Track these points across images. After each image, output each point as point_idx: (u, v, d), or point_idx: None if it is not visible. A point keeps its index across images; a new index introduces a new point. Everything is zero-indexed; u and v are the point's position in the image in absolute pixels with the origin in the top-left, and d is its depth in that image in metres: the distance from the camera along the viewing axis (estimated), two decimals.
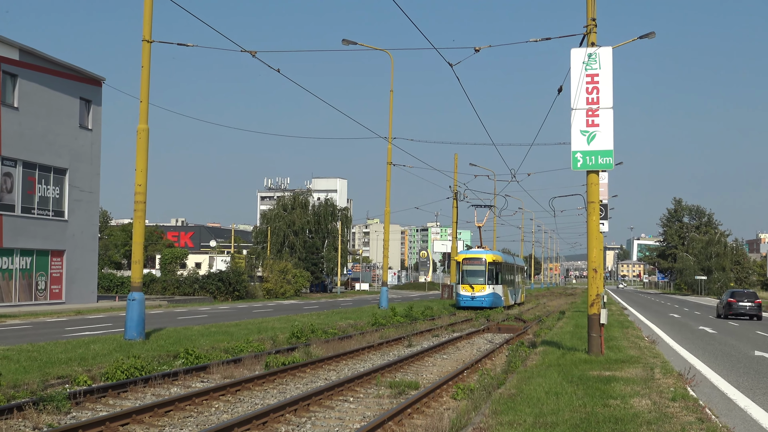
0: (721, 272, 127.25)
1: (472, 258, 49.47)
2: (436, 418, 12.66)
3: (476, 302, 47.99)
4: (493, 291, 48.77)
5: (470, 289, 48.38)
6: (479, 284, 48.34)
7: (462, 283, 49.06)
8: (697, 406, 12.47)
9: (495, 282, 49.18)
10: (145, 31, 23.54)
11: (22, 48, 43.12)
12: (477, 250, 52.25)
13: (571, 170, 19.84)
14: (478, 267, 48.79)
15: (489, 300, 48.22)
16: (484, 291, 48.23)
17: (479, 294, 48.22)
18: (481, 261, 48.89)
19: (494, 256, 50.27)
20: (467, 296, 48.55)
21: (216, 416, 13.47)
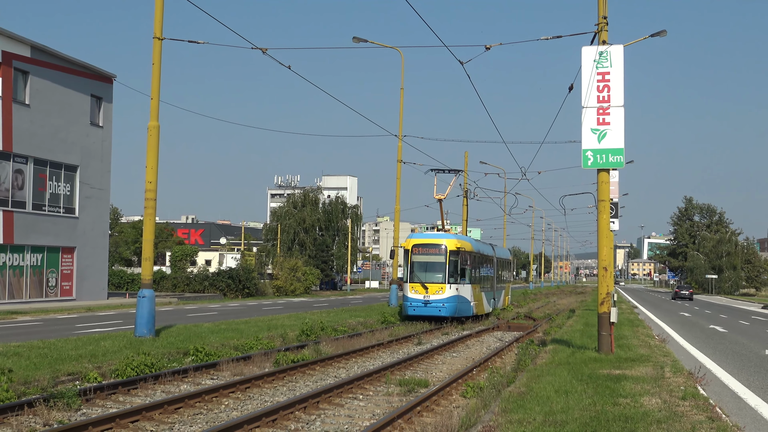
0: (732, 271, 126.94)
1: (427, 244, 34.06)
2: (446, 416, 12.65)
3: (430, 309, 33.11)
4: (457, 293, 33.56)
5: (422, 289, 33.15)
6: (436, 282, 33.32)
7: (411, 280, 33.49)
8: (708, 405, 12.43)
9: (460, 279, 34.03)
10: (156, 29, 23.58)
11: (34, 45, 43.23)
12: (435, 233, 35.89)
13: (582, 168, 19.81)
14: (435, 257, 33.69)
15: (450, 306, 33.20)
16: (442, 293, 33.05)
17: (435, 297, 33.03)
18: (440, 248, 33.56)
19: (460, 242, 34.46)
20: (418, 300, 33.14)
21: (226, 413, 13.48)
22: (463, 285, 34.33)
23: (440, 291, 33.15)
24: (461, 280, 34.07)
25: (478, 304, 37.56)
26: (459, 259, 33.80)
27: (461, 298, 34.07)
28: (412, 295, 33.35)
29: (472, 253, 36.50)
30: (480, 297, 38.07)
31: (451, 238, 34.24)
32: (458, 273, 33.81)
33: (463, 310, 34.49)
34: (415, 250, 34.05)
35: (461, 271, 34.11)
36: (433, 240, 34.21)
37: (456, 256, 33.67)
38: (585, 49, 19.82)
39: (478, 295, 37.67)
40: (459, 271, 33.90)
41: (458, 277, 33.79)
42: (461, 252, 33.99)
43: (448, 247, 33.46)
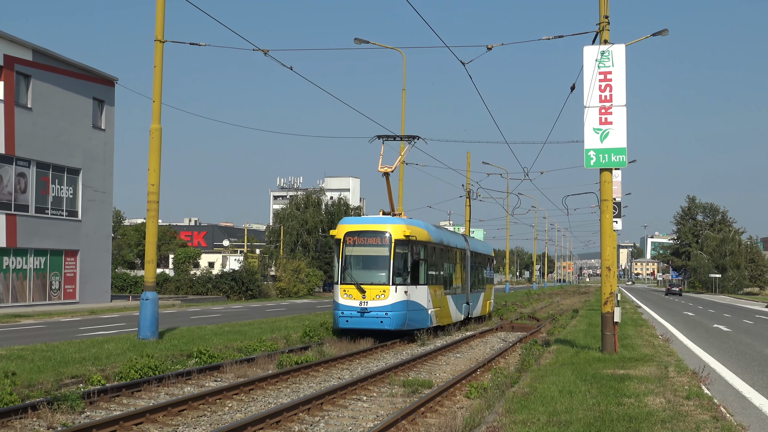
0: (736, 270, 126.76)
1: (365, 232, 26.18)
2: (450, 417, 12.64)
3: (369, 320, 25.23)
4: (406, 297, 25.65)
5: (357, 293, 25.29)
6: (376, 283, 25.46)
7: (342, 281, 25.72)
8: (712, 405, 12.41)
9: (411, 279, 26.12)
10: (158, 31, 23.59)
11: (36, 49, 43.26)
12: (376, 217, 27.61)
13: (584, 168, 19.81)
14: (376, 249, 25.98)
15: (396, 316, 25.25)
16: (384, 297, 25.22)
17: (376, 304, 25.22)
18: (382, 237, 25.81)
19: (411, 228, 26.51)
20: (352, 309, 25.34)
21: (229, 415, 13.48)
22: (417, 287, 26.28)
23: (382, 295, 25.01)
24: (413, 280, 26.11)
25: (441, 311, 29.51)
26: (410, 252, 25.78)
27: (413, 305, 25.98)
28: (345, 301, 25.25)
29: (430, 244, 28.28)
30: (444, 302, 30.14)
31: (399, 223, 26.21)
32: (408, 270, 25.87)
33: (415, 320, 26.33)
34: (349, 240, 25.90)
35: (413, 268, 26.11)
36: (372, 226, 26.09)
37: (405, 248, 25.73)
38: (587, 48, 19.81)
39: (441, 299, 29.56)
40: (410, 268, 25.94)
41: (408, 276, 25.82)
42: (413, 242, 25.86)
43: (393, 235, 25.48)
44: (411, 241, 25.91)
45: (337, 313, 25.52)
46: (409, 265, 26.00)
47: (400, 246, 25.65)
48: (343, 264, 25.85)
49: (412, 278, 26.10)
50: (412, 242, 25.93)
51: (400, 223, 26.33)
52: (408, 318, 25.71)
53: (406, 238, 25.73)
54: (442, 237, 30.90)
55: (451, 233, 34.67)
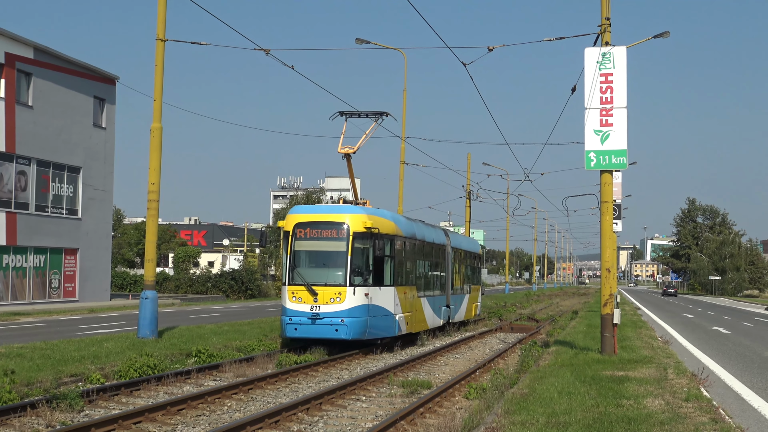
0: (736, 272, 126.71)
1: (318, 223, 22.69)
2: (449, 418, 12.64)
3: (321, 328, 21.72)
4: (367, 301, 22.19)
5: (308, 296, 21.80)
6: (330, 284, 21.97)
7: (291, 281, 22.22)
8: (711, 407, 12.41)
9: (374, 278, 22.72)
10: (159, 30, 23.59)
11: (37, 47, 43.28)
12: (332, 206, 24.80)
13: (585, 170, 19.82)
14: (331, 243, 22.55)
15: (354, 323, 21.73)
16: (340, 301, 21.72)
17: (330, 309, 21.71)
18: (339, 229, 22.35)
19: (373, 218, 22.88)
20: (301, 314, 21.76)
21: (228, 415, 13.48)
22: (381, 288, 22.87)
23: (337, 298, 21.58)
24: (376, 281, 22.67)
25: (413, 316, 25.90)
26: (372, 247, 22.31)
27: (376, 310, 22.46)
28: (293, 306, 21.73)
29: (399, 237, 24.66)
30: (417, 306, 26.48)
31: (359, 212, 22.57)
32: (370, 269, 22.43)
33: (379, 327, 22.82)
34: (299, 233, 22.43)
35: (376, 266, 22.68)
36: (327, 216, 22.65)
37: (366, 242, 22.28)
38: (588, 50, 19.82)
39: (413, 303, 25.98)
40: (372, 266, 22.49)
41: (370, 276, 22.39)
42: (376, 235, 22.32)
43: (351, 226, 22.04)
44: (374, 234, 22.27)
45: (284, 319, 21.96)
46: (372, 263, 22.46)
47: (360, 240, 22.16)
48: (291, 261, 22.29)
49: (374, 278, 22.60)
50: (375, 235, 22.27)
51: (360, 212, 22.60)
52: (369, 325, 22.11)
53: (367, 230, 22.17)
54: (414, 230, 26.88)
55: (428, 226, 30.23)
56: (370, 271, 22.51)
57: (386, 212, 25.01)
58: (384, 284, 23.26)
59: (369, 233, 22.34)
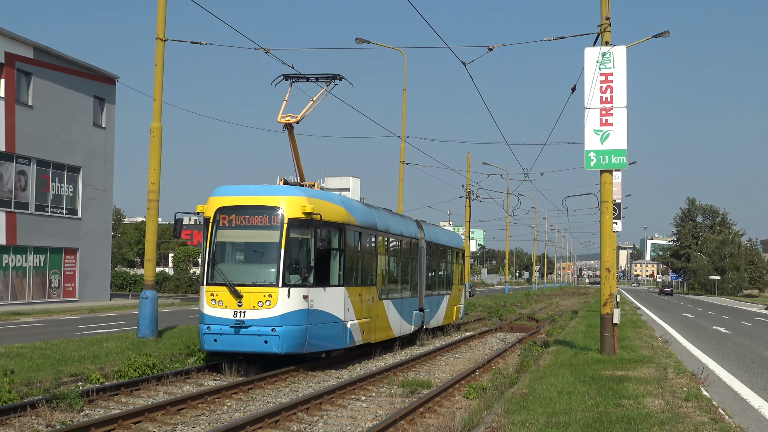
0: (735, 272, 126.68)
1: (245, 207, 18.73)
2: (449, 417, 12.64)
3: (246, 340, 17.70)
4: (307, 306, 18.20)
5: (231, 299, 17.90)
6: (259, 285, 18.01)
7: (210, 280, 18.44)
8: (711, 407, 12.42)
9: (317, 277, 18.87)
10: (159, 29, 23.59)
11: (37, 46, 43.29)
12: (264, 186, 19.41)
13: (585, 169, 19.83)
14: (260, 233, 18.68)
15: (289, 333, 17.68)
16: (271, 305, 17.72)
17: (258, 315, 17.72)
18: (272, 215, 18.43)
19: (315, 202, 18.84)
20: (222, 321, 17.82)
21: (228, 414, 13.48)
22: (326, 289, 18.93)
23: (267, 301, 17.58)
24: (320, 279, 18.74)
25: (373, 322, 21.95)
26: (314, 237, 18.23)
27: (318, 315, 18.47)
28: (213, 311, 17.88)
29: (351, 227, 20.47)
30: (378, 310, 22.52)
31: (297, 194, 18.58)
32: (311, 264, 18.45)
33: (323, 337, 18.81)
34: (222, 220, 18.57)
35: (320, 262, 18.76)
36: (256, 199, 18.58)
37: (306, 231, 18.32)
38: (588, 50, 19.83)
39: (373, 306, 22.02)
40: (314, 262, 18.52)
41: (311, 274, 18.40)
42: (320, 223, 18.09)
43: (287, 211, 18.06)
44: (316, 221, 18.07)
45: (201, 328, 17.93)
46: (313, 257, 18.45)
47: (298, 228, 18.15)
48: (211, 255, 18.42)
49: (317, 277, 18.62)
50: (318, 223, 18.05)
51: (299, 194, 18.55)
52: (309, 335, 18.02)
53: (307, 216, 18.05)
54: (375, 220, 22.69)
55: (395, 216, 26.06)
56: (310, 268, 18.36)
57: (336, 196, 20.95)
58: (330, 284, 19.18)
59: (310, 220, 18.09)
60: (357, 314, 20.67)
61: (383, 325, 23.09)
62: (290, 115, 20.75)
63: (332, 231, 19.43)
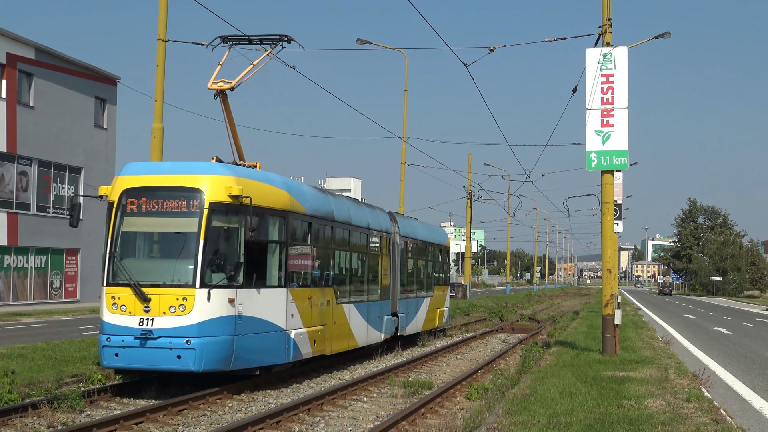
0: (737, 273, 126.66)
1: (157, 189, 15.22)
2: (450, 418, 12.64)
3: (153, 354, 14.37)
4: (233, 312, 14.84)
5: (136, 304, 14.57)
6: (170, 285, 14.68)
7: (112, 280, 15.18)
8: (712, 407, 12.42)
9: (244, 275, 15.25)
10: (160, 30, 23.58)
11: (38, 47, 43.30)
12: (182, 163, 15.80)
13: (586, 170, 19.84)
14: (174, 221, 15.23)
15: (208, 347, 14.36)
16: (185, 311, 14.40)
17: (168, 323, 14.38)
18: (190, 198, 15.01)
19: (248, 183, 15.55)
20: (125, 331, 14.47)
21: (230, 415, 13.48)
22: (262, 290, 15.75)
23: (181, 306, 14.47)
24: (253, 279, 15.50)
25: (329, 330, 18.73)
26: (245, 226, 15.10)
27: (250, 323, 15.35)
28: (114, 318, 14.77)
29: (297, 215, 17.18)
30: (336, 316, 19.27)
31: (223, 172, 15.41)
32: (240, 260, 15.23)
33: (256, 350, 15.62)
34: (129, 204, 15.29)
35: (253, 256, 15.52)
36: (170, 178, 15.34)
37: (233, 218, 15.30)
38: (589, 51, 19.84)
39: (328, 312, 18.79)
40: (245, 256, 15.30)
41: (241, 271, 15.17)
42: (252, 209, 14.99)
43: (209, 194, 14.97)
44: (246, 207, 14.90)
45: (101, 339, 14.78)
46: (243, 252, 15.24)
47: (223, 215, 15.08)
48: (114, 249, 15.25)
49: (249, 275, 15.33)
50: (250, 210, 14.83)
51: (225, 173, 15.31)
52: (237, 348, 14.84)
53: (235, 200, 14.95)
54: (331, 208, 19.27)
55: (360, 206, 22.55)
56: (239, 265, 15.09)
57: (277, 178, 17.07)
58: (267, 285, 15.97)
59: (239, 205, 14.99)
60: (305, 321, 17.27)
61: (343, 333, 19.73)
62: (224, 80, 17.32)
63: (270, 219, 16.20)
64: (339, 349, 19.65)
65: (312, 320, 17.75)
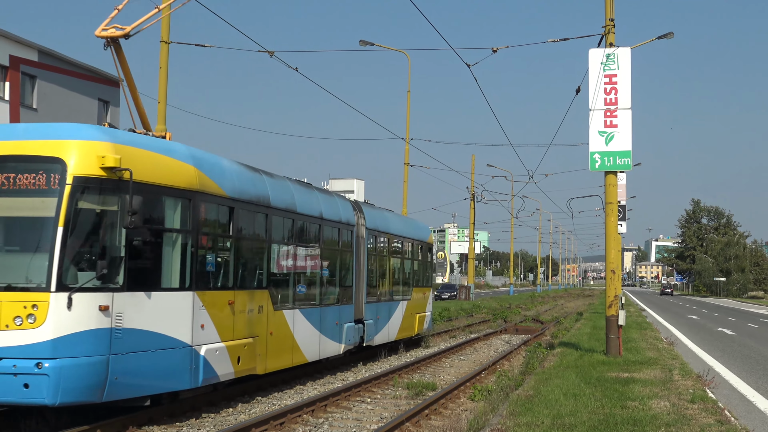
0: (740, 274, 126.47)
1: (5, 159, 11.44)
2: (454, 419, 12.65)
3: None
4: (107, 324, 11.23)
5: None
6: (17, 289, 10.99)
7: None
8: (717, 408, 12.40)
9: (126, 274, 11.63)
10: (163, 33, 23.60)
11: (41, 49, 43.34)
12: (41, 125, 12.09)
13: (589, 171, 19.82)
14: (26, 201, 11.51)
15: (69, 372, 10.75)
16: (35, 324, 10.74)
17: (12, 341, 10.67)
18: (47, 169, 11.30)
19: (129, 151, 11.82)
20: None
21: (233, 417, 13.47)
22: (154, 294, 12.25)
23: (29, 316, 10.90)
24: (138, 279, 12.03)
25: (262, 344, 15.12)
26: (125, 208, 11.55)
27: (133, 338, 11.80)
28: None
29: (208, 197, 13.58)
30: (273, 325, 15.63)
31: (93, 137, 11.70)
32: (120, 255, 11.79)
33: (143, 374, 12.04)
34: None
35: (140, 250, 12.07)
36: (21, 146, 11.66)
37: (107, 199, 11.75)
38: (592, 51, 19.82)
39: (261, 321, 15.18)
40: (125, 249, 11.82)
41: (119, 269, 11.74)
42: (128, 185, 11.49)
43: (73, 166, 11.42)
44: (125, 183, 11.53)
45: None
46: (124, 243, 11.77)
47: (94, 193, 11.55)
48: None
49: (135, 275, 11.90)
50: (130, 186, 11.41)
51: (98, 137, 11.71)
52: (115, 371, 11.43)
53: (112, 174, 11.55)
54: (265, 191, 15.56)
55: (309, 190, 18.30)
56: (118, 260, 11.68)
57: (180, 147, 13.36)
58: (163, 287, 12.51)
59: (118, 181, 11.56)
60: (223, 333, 13.62)
61: (283, 345, 16.07)
62: (116, 26, 13.31)
63: (168, 201, 12.60)
64: (278, 367, 15.97)
65: (235, 332, 14.03)
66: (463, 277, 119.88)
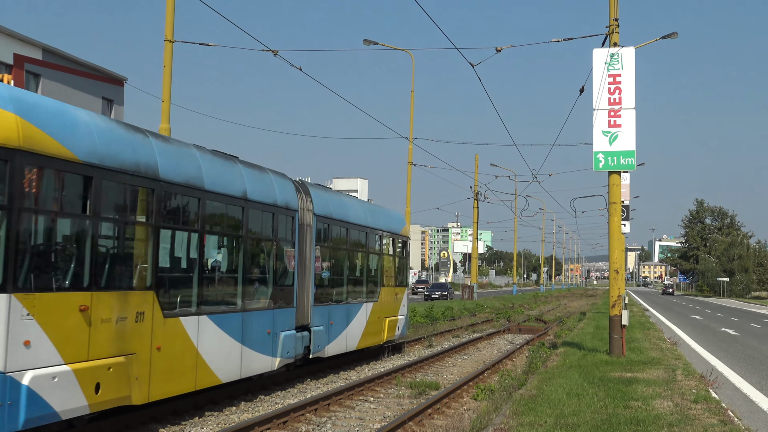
0: (744, 274, 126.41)
1: None
2: (457, 419, 12.65)
3: None
4: None
5: None
6: None
7: None
8: (720, 408, 12.39)
9: None
10: (168, 31, 23.62)
11: (45, 48, 43.40)
12: None
13: (593, 171, 19.81)
14: None
15: None
16: None
17: None
18: None
19: None
20: None
21: (237, 415, 13.49)
22: None
23: None
24: None
25: (138, 364, 11.19)
26: None
27: None
28: None
29: (34, 157, 9.42)
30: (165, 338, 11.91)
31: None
32: None
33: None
34: None
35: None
36: None
37: None
38: (596, 51, 19.82)
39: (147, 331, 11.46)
40: None
41: None
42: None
43: None
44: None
45: None
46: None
47: None
48: None
49: None
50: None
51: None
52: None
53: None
54: (152, 157, 11.86)
55: (220, 161, 14.29)
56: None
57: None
58: None
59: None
60: (68, 352, 9.86)
61: (181, 364, 12.45)
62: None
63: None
64: (170, 392, 12.19)
65: (92, 349, 10.29)
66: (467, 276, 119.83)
